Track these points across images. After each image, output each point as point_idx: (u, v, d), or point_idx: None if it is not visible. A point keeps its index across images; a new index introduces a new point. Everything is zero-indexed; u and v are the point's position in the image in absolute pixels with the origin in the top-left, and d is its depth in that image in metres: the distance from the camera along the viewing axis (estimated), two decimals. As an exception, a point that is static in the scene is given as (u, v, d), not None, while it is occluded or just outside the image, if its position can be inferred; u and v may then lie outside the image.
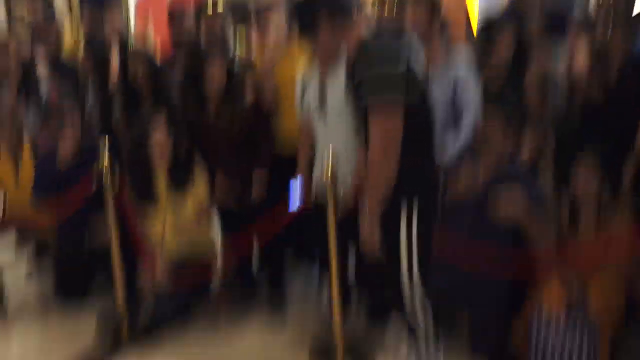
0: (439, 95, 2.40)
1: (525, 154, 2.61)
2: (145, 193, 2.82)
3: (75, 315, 3.15)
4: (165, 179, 2.84)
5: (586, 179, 2.28)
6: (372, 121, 2.00)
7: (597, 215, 2.31)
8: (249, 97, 2.75)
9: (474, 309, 2.47)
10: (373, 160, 2.05)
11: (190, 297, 2.90)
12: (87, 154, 3.01)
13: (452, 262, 2.35)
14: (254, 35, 3.04)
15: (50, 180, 3.08)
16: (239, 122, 2.75)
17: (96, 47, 3.29)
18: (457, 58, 2.63)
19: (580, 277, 2.31)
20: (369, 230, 2.11)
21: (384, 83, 1.96)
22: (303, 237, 2.97)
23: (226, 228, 3.05)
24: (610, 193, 2.31)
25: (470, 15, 3.71)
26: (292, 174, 2.63)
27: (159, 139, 2.73)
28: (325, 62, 2.26)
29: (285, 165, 2.75)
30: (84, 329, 2.94)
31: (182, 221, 2.84)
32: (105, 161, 2.61)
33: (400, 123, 1.99)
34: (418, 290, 2.19)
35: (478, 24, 3.27)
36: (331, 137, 2.32)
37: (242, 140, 2.78)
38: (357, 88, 2.04)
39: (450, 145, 2.54)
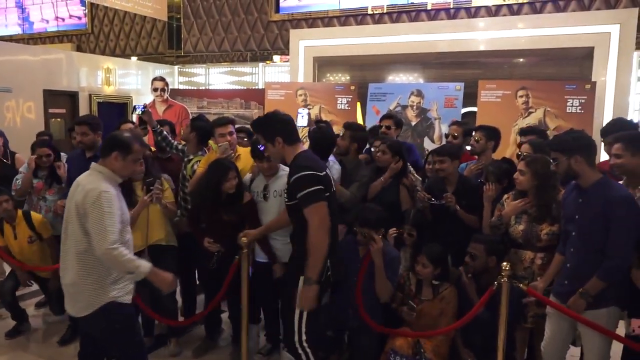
0: None
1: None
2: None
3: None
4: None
5: (423, 265, 3.08)
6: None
7: (432, 287, 3.11)
8: (246, 196, 3.39)
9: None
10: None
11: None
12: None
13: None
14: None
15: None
16: (240, 211, 3.37)
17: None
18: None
19: (420, 332, 3.03)
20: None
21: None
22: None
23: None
24: (441, 274, 3.10)
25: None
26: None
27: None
28: (269, 174, 3.33)
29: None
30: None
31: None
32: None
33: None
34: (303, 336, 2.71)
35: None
36: (270, 212, 3.31)
37: (237, 221, 3.37)
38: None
39: None
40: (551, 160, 2.61)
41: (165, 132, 3.91)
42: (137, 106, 4.04)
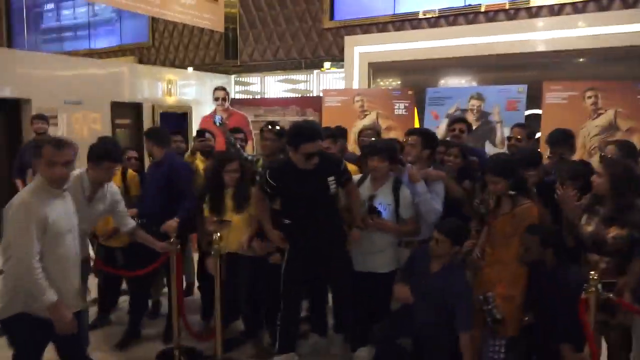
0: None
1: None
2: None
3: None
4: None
5: (493, 182, 2.96)
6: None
7: (510, 200, 2.97)
8: None
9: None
10: None
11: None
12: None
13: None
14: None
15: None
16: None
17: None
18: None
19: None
20: None
21: None
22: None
23: None
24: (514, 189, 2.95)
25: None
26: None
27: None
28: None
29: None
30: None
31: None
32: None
33: None
34: None
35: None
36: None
37: None
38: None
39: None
40: None
41: (238, 145, 3.99)
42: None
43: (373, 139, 4.19)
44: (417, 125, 6.55)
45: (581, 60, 6.80)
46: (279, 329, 3.34)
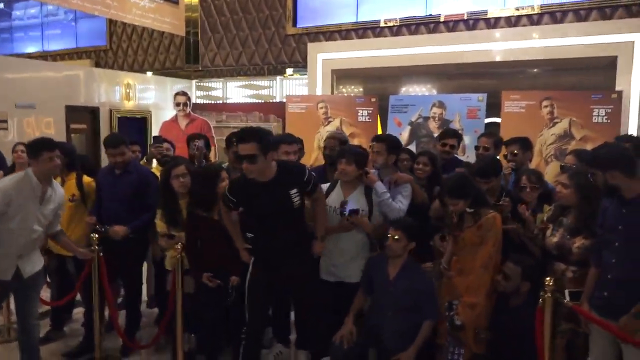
0: None
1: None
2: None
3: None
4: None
5: (452, 204, 3.00)
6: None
7: (472, 217, 3.00)
8: None
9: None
10: None
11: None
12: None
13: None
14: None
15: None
16: None
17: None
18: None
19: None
20: None
21: None
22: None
23: None
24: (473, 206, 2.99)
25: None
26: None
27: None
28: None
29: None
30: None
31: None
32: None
33: None
34: None
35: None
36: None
37: None
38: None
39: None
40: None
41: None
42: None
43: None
44: (379, 132, 6.60)
45: (537, 70, 7.02)
46: (243, 344, 3.20)
